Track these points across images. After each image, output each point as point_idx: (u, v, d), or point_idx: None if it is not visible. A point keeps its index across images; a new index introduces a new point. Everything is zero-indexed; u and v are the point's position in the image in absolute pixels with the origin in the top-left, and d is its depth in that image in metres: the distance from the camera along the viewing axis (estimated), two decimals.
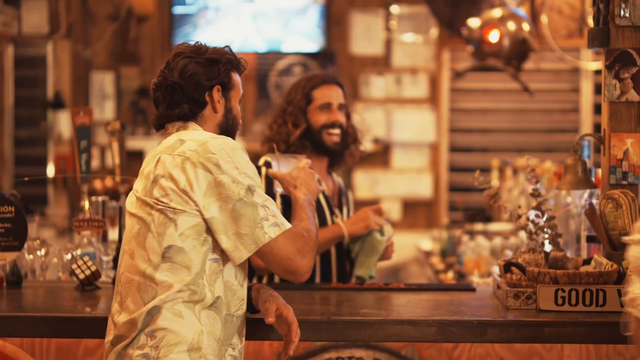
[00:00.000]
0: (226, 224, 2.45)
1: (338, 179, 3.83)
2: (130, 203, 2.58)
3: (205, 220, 2.45)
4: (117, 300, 2.53)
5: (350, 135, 3.74)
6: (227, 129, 2.66)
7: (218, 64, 2.62)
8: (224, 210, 2.44)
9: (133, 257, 2.50)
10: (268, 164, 3.45)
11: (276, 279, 3.55)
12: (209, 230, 2.47)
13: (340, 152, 3.71)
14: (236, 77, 2.68)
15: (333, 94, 3.69)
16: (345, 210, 3.75)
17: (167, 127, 2.64)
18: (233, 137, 2.66)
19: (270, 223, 2.46)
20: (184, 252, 2.45)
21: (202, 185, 2.44)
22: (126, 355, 2.45)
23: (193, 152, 2.47)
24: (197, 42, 2.67)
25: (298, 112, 3.66)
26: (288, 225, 2.50)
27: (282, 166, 2.88)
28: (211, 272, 2.47)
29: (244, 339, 2.59)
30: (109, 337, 2.52)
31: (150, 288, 2.46)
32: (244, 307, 2.57)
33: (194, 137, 2.53)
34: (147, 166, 2.56)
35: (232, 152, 2.49)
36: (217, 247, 2.48)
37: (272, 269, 2.54)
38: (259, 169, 3.51)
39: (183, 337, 2.42)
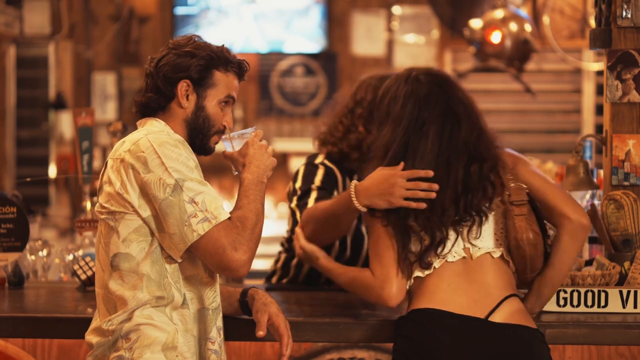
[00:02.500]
0: (158, 223, 2.39)
1: None
2: None
3: (144, 220, 2.40)
4: (95, 314, 2.53)
5: None
6: (196, 127, 2.53)
7: (192, 58, 2.51)
8: (154, 210, 2.38)
9: (97, 271, 2.51)
10: (316, 164, 3.37)
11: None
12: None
13: None
14: (221, 76, 2.54)
15: None
16: None
17: (137, 126, 2.58)
18: (204, 138, 2.55)
19: (199, 219, 2.34)
20: (131, 258, 2.41)
21: (135, 187, 2.39)
22: (103, 358, 2.45)
23: (127, 152, 2.41)
24: (192, 36, 2.58)
25: (370, 116, 3.25)
26: (222, 217, 2.36)
27: (237, 145, 2.58)
28: (173, 270, 2.43)
29: (222, 332, 2.54)
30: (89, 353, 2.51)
31: (110, 299, 2.45)
32: (218, 299, 2.53)
33: (133, 136, 2.46)
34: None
35: (159, 148, 2.38)
36: None
37: (207, 264, 2.43)
38: (316, 167, 3.35)
39: (157, 337, 2.40)
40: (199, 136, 2.54)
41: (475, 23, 5.90)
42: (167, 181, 2.35)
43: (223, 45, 2.60)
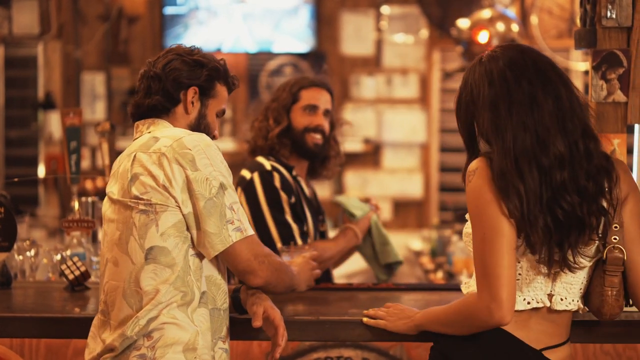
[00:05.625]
0: (197, 221, 2.46)
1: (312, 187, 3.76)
2: (107, 208, 2.57)
3: (184, 216, 2.46)
4: (104, 311, 2.53)
5: (332, 148, 3.65)
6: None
7: (202, 68, 2.62)
8: (196, 208, 2.45)
9: (117, 264, 2.50)
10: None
11: None
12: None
13: (319, 157, 3.61)
14: (221, 89, 2.67)
15: (321, 98, 3.58)
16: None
17: (138, 125, 2.63)
18: None
19: (234, 227, 2.47)
20: (167, 252, 2.45)
21: (179, 181, 2.44)
22: (123, 357, 2.46)
23: (168, 147, 2.47)
24: (193, 46, 2.69)
25: (281, 109, 3.55)
26: (250, 232, 2.51)
27: (294, 256, 3.00)
28: (195, 268, 2.48)
29: (229, 332, 2.60)
30: (94, 350, 2.51)
31: (135, 293, 2.46)
32: (227, 300, 2.58)
33: (168, 134, 2.53)
34: (121, 166, 2.55)
35: (207, 149, 2.48)
36: None
37: (232, 268, 2.54)
38: (271, 176, 3.47)
39: (179, 337, 2.44)
40: None
41: (463, 23, 5.91)
42: (213, 182, 2.45)
43: (222, 58, 2.72)
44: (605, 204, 2.32)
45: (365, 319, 2.64)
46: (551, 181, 2.27)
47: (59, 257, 3.53)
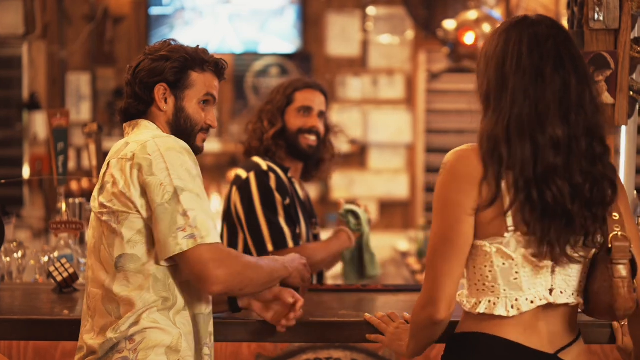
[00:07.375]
0: (152, 226, 2.42)
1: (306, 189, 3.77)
2: (91, 214, 2.57)
3: (145, 221, 2.42)
4: (88, 315, 2.52)
5: (327, 150, 3.66)
6: (179, 128, 2.58)
7: (167, 61, 2.56)
8: (150, 213, 2.41)
9: (94, 271, 2.50)
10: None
11: None
12: None
13: (314, 159, 3.62)
14: (197, 77, 2.59)
15: (316, 99, 3.59)
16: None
17: (125, 127, 2.62)
18: (189, 138, 2.58)
19: (186, 234, 2.35)
20: (137, 259, 2.43)
21: (137, 186, 2.41)
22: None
23: (133, 153, 2.44)
24: (168, 40, 2.64)
25: (276, 111, 3.56)
26: (210, 239, 2.37)
27: None
28: (176, 273, 2.46)
29: (212, 337, 2.58)
30: (81, 354, 2.51)
31: (112, 300, 2.45)
32: (211, 305, 2.56)
33: (138, 138, 2.50)
34: (101, 172, 2.54)
35: (166, 153, 2.41)
36: None
37: (184, 274, 2.43)
38: (267, 176, 3.46)
39: (162, 340, 2.42)
40: (184, 137, 2.56)
41: (449, 24, 5.93)
42: (167, 188, 2.38)
43: (198, 46, 2.65)
44: (604, 213, 2.26)
45: (367, 335, 2.68)
46: (544, 159, 2.20)
47: (46, 258, 3.52)
